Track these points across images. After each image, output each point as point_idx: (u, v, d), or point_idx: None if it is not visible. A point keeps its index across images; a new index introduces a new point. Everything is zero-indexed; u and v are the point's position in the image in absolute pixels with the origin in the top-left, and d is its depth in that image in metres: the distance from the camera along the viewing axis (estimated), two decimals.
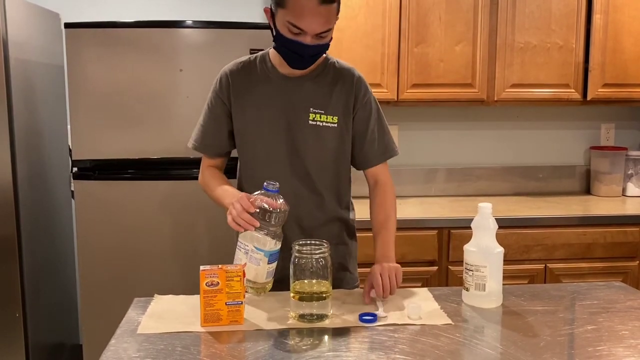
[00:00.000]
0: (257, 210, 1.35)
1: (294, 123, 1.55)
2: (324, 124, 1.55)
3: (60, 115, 2.75)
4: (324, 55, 1.57)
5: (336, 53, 2.45)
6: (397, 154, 1.66)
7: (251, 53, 2.26)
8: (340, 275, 1.64)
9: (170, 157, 2.30)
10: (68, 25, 2.24)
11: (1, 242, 2.25)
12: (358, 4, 2.49)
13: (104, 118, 2.27)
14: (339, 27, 2.44)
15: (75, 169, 2.31)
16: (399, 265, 1.47)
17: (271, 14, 1.47)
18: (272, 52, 1.58)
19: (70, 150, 2.59)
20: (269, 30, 2.25)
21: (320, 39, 1.43)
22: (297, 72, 1.55)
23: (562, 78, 2.65)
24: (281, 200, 1.38)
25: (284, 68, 1.55)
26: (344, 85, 1.58)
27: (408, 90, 2.57)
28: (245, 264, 1.36)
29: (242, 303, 1.30)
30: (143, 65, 2.26)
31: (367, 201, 1.66)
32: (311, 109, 1.54)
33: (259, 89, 1.56)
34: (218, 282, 1.28)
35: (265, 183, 1.39)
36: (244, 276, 1.32)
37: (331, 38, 1.47)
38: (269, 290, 1.42)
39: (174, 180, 2.31)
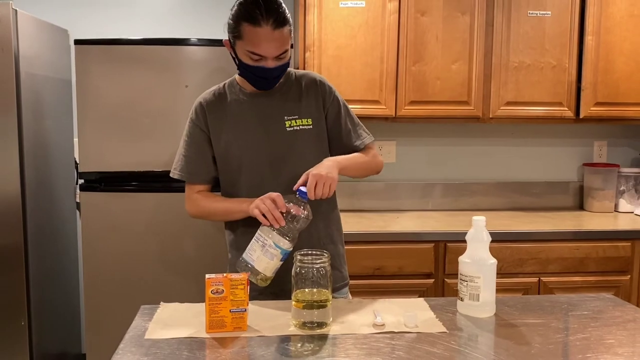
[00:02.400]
0: (286, 212, 1.44)
1: (273, 132, 1.62)
2: (301, 127, 1.63)
3: (67, 128, 2.79)
4: None
5: (336, 70, 2.55)
6: (373, 139, 1.74)
7: None
8: (335, 275, 1.66)
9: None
10: (78, 42, 2.29)
11: (8, 251, 2.29)
12: (358, 23, 2.55)
13: (111, 131, 2.31)
14: (340, 45, 2.55)
15: (81, 181, 2.34)
16: (335, 177, 1.51)
17: (230, 46, 1.57)
18: (237, 77, 1.68)
19: (76, 162, 2.63)
20: None
21: (280, 60, 1.53)
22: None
23: (556, 96, 2.69)
24: (308, 209, 1.47)
25: (250, 88, 1.64)
26: (309, 90, 1.67)
27: (406, 107, 2.62)
28: (246, 266, 1.42)
29: (245, 310, 1.33)
30: (149, 80, 2.30)
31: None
32: (285, 117, 1.63)
33: (233, 110, 1.64)
34: (223, 290, 1.32)
35: (300, 188, 1.47)
36: (248, 284, 1.35)
37: (290, 56, 1.57)
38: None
39: (177, 192, 2.29)
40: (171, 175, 1.70)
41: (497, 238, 1.53)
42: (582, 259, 2.51)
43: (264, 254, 1.43)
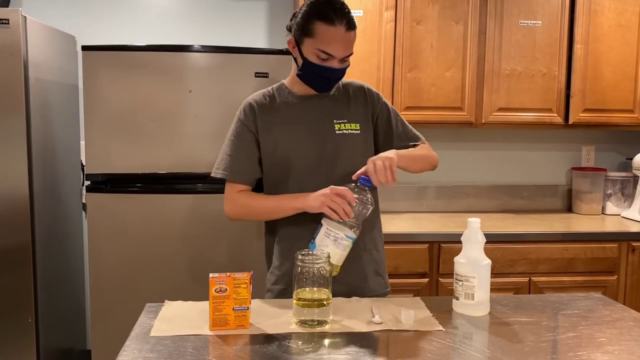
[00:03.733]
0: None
1: (323, 135, 1.62)
2: (350, 131, 1.63)
3: (74, 132, 2.80)
4: None
5: None
6: (423, 140, 1.75)
7: (256, 76, 2.38)
8: (375, 281, 1.68)
9: (178, 172, 2.35)
10: (85, 48, 2.29)
11: (17, 251, 2.30)
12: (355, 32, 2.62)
13: (117, 135, 2.31)
14: None
15: (88, 183, 2.35)
16: (395, 160, 1.48)
17: (295, 45, 1.57)
18: (288, 82, 1.68)
19: (82, 164, 2.66)
20: (272, 55, 2.41)
21: (344, 63, 1.56)
22: (313, 93, 1.63)
23: (546, 103, 2.73)
24: (371, 196, 1.50)
25: (300, 91, 1.64)
26: (357, 96, 1.68)
27: (401, 113, 2.52)
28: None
29: (248, 309, 1.35)
30: (154, 86, 2.31)
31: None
32: (334, 120, 1.63)
33: (282, 112, 1.63)
34: (226, 289, 1.33)
35: (362, 177, 1.48)
36: (250, 283, 1.36)
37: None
38: None
39: (182, 194, 2.36)
40: (213, 174, 1.66)
41: (489, 239, 1.52)
42: (571, 259, 2.54)
43: (337, 247, 1.46)
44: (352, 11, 1.57)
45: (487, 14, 2.68)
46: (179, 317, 1.43)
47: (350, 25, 1.51)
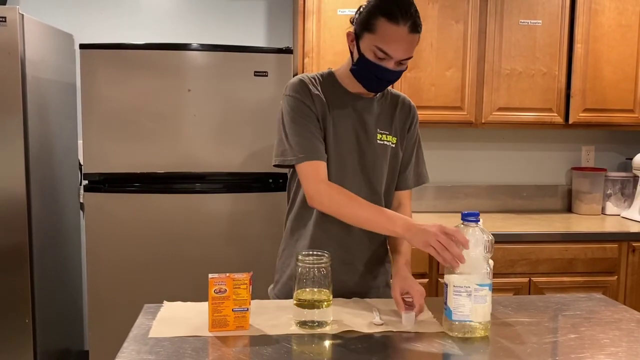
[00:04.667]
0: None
1: (365, 141, 1.57)
2: (388, 143, 1.60)
3: (71, 131, 2.80)
4: None
5: None
6: (428, 182, 1.73)
7: (255, 75, 2.37)
8: (387, 292, 1.64)
9: (176, 172, 2.35)
10: (83, 46, 2.29)
11: (14, 251, 2.30)
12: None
13: (115, 134, 2.31)
14: (338, 52, 2.61)
15: (85, 182, 2.35)
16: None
17: (354, 38, 1.50)
18: (338, 73, 1.60)
19: (80, 164, 2.65)
20: (272, 54, 2.40)
21: (401, 66, 1.48)
22: (364, 93, 1.57)
23: (546, 103, 2.73)
24: (480, 232, 1.30)
25: (352, 88, 1.57)
26: (403, 110, 1.64)
27: None
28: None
29: (247, 310, 1.34)
30: (153, 84, 2.31)
31: None
32: (378, 130, 1.59)
33: (331, 103, 1.55)
34: (226, 290, 1.32)
35: (465, 214, 1.30)
36: (250, 284, 1.35)
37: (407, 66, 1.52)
38: None
39: (180, 193, 2.36)
40: (277, 164, 1.53)
41: None
42: (571, 259, 2.54)
43: (475, 301, 1.28)
44: (350, 10, 1.54)
45: (487, 13, 2.68)
46: (178, 318, 1.42)
47: (415, 27, 1.44)
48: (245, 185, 2.18)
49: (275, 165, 1.56)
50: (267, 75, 2.36)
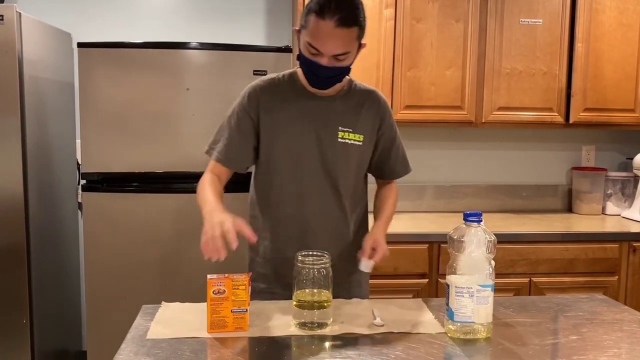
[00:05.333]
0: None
1: (325, 140, 1.58)
2: (352, 141, 1.60)
3: (69, 130, 2.80)
4: (348, 77, 1.60)
5: None
6: (411, 171, 1.79)
7: (254, 74, 2.36)
8: (356, 292, 1.68)
9: (175, 172, 2.34)
10: (81, 45, 2.29)
11: (11, 251, 2.29)
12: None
13: (113, 133, 2.31)
14: None
15: (83, 182, 2.35)
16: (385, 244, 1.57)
17: (298, 34, 1.51)
18: (300, 72, 1.61)
19: (78, 163, 2.65)
20: (271, 53, 2.39)
21: (337, 62, 1.46)
22: (325, 92, 1.58)
23: (546, 102, 2.72)
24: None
25: (311, 87, 1.58)
26: (371, 107, 1.64)
27: (401, 112, 2.65)
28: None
29: (246, 311, 1.34)
30: (151, 83, 2.30)
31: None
32: (340, 127, 1.59)
33: (288, 106, 1.58)
34: (224, 290, 1.32)
35: (467, 214, 1.32)
36: (249, 285, 1.34)
37: (351, 62, 1.51)
38: None
39: (178, 193, 2.35)
40: (206, 152, 1.65)
41: None
42: (571, 260, 2.54)
43: (477, 302, 1.28)
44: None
45: (488, 12, 2.67)
46: (176, 319, 1.41)
47: (344, 21, 1.40)
48: (243, 185, 2.17)
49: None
50: (266, 74, 2.31)
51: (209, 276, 1.34)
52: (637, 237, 2.59)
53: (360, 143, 1.62)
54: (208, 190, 1.57)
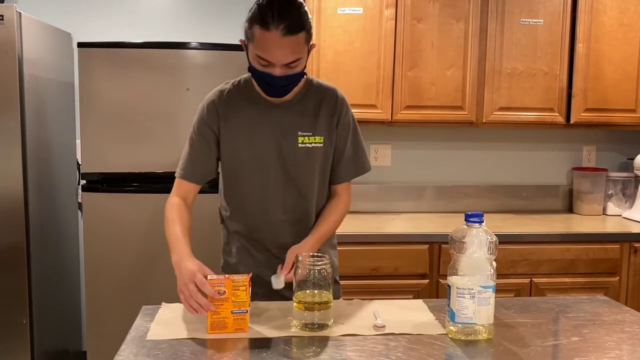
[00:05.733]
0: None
1: (285, 146, 1.58)
2: (313, 145, 1.59)
3: (69, 130, 2.80)
4: (305, 76, 1.57)
5: (334, 75, 2.59)
6: (368, 171, 1.70)
7: None
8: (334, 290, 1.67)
9: (174, 172, 2.36)
10: (81, 45, 2.30)
11: (11, 251, 2.30)
12: (355, 30, 2.59)
13: (113, 133, 2.31)
14: (338, 51, 2.60)
15: (83, 182, 2.35)
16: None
17: (245, 47, 1.50)
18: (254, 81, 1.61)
19: (78, 163, 2.65)
20: None
21: (290, 69, 1.44)
22: (282, 98, 1.56)
23: (547, 102, 2.72)
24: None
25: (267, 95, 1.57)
26: (328, 106, 1.61)
27: (402, 112, 2.65)
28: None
29: (247, 312, 1.33)
30: (151, 83, 2.31)
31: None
32: (299, 132, 1.58)
33: (247, 113, 1.58)
34: (225, 291, 1.31)
35: (468, 215, 1.31)
36: (250, 286, 1.34)
37: (304, 67, 1.49)
38: None
39: None
40: (176, 175, 1.66)
41: None
42: (572, 260, 2.54)
43: (479, 304, 1.27)
44: (350, 8, 1.51)
45: (489, 12, 2.67)
46: (176, 320, 1.41)
47: (290, 29, 1.39)
48: (214, 186, 2.18)
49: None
50: None
51: (209, 277, 1.34)
52: (638, 238, 2.59)
53: (321, 145, 1.61)
54: (177, 225, 1.58)
